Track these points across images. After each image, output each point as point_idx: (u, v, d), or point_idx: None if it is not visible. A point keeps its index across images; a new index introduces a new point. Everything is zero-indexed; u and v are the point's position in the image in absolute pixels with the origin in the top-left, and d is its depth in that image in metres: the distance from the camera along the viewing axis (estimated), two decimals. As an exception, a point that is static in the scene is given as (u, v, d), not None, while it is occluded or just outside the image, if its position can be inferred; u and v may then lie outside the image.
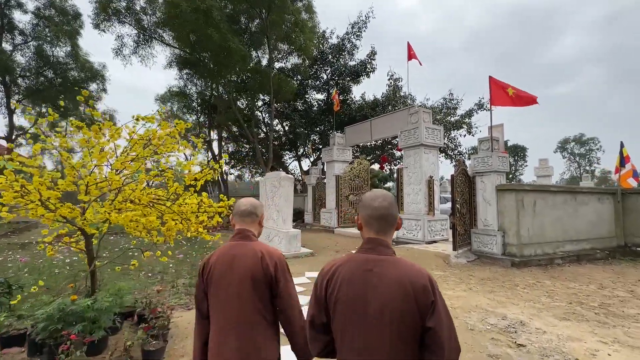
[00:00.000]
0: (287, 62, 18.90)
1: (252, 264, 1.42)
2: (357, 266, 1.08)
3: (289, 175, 8.77)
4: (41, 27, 14.92)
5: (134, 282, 4.66)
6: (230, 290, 1.40)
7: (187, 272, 5.62)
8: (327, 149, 14.02)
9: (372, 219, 1.12)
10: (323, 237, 11.55)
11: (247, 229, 1.54)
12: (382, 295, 1.01)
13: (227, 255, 1.46)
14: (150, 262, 5.76)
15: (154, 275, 5.33)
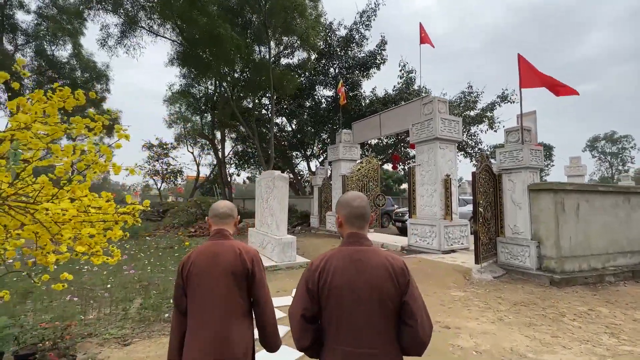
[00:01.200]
0: (292, 58, 18.02)
1: (233, 259, 1.56)
2: (346, 257, 1.26)
3: (283, 175, 7.76)
4: (42, 26, 14.67)
5: (55, 307, 3.67)
6: (213, 285, 1.53)
7: (144, 291, 4.66)
8: (332, 147, 12.94)
9: (352, 217, 1.33)
10: (327, 243, 10.46)
11: (225, 229, 1.68)
12: (370, 278, 1.20)
13: (208, 252, 1.59)
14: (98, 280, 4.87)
15: (99, 296, 4.38)
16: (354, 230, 1.32)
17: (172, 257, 7.30)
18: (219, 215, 1.70)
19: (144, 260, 6.26)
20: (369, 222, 1.35)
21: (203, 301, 1.52)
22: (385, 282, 1.19)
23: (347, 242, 1.31)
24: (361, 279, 1.20)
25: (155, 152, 25.94)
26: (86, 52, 17.14)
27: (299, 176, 22.92)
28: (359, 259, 1.24)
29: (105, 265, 5.18)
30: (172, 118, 27.02)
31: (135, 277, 4.38)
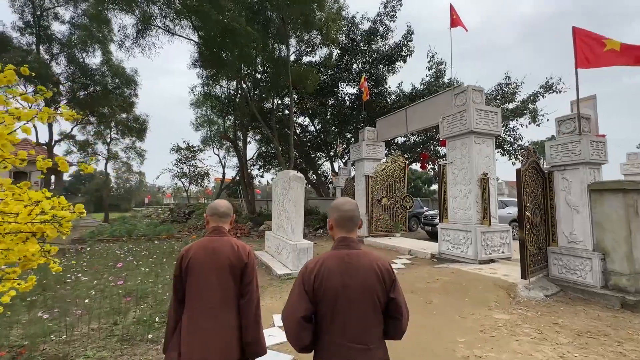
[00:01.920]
0: (314, 56, 17.49)
1: (230, 253, 1.69)
2: (338, 260, 1.35)
3: (299, 175, 7.18)
4: (74, 35, 15.31)
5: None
6: (212, 276, 1.64)
7: (133, 305, 4.06)
8: (355, 146, 12.20)
9: (343, 220, 1.42)
10: (349, 248, 9.75)
11: (222, 226, 1.81)
12: (362, 279, 1.31)
13: (207, 247, 1.70)
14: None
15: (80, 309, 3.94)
16: (343, 234, 1.43)
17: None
18: (218, 214, 1.81)
19: (143, 268, 5.60)
20: (358, 226, 1.45)
21: (203, 291, 1.63)
22: (375, 282, 1.31)
23: (338, 246, 1.41)
24: (353, 280, 1.31)
25: (183, 155, 26.60)
26: (116, 59, 17.75)
27: (323, 177, 22.35)
28: (350, 261, 1.34)
29: (95, 275, 4.84)
30: (199, 121, 27.67)
31: (120, 290, 3.95)
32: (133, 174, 52.67)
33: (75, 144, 23.08)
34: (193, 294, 1.63)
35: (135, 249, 7.35)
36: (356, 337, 1.27)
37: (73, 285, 4.16)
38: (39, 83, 14.71)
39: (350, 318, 1.28)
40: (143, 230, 12.72)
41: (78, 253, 6.98)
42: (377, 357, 1.30)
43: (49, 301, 3.65)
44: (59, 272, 4.47)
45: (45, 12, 14.77)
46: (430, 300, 4.67)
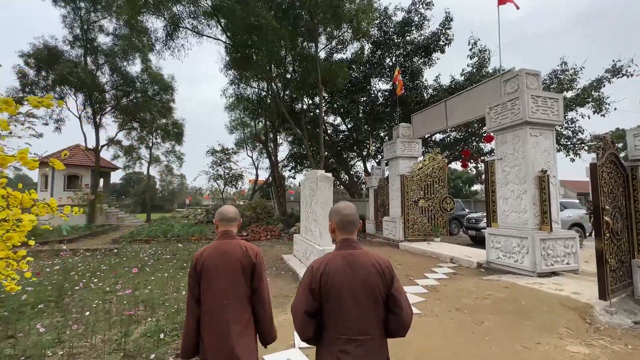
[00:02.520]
0: (345, 52, 16.92)
1: (240, 254, 1.84)
2: (342, 259, 1.45)
3: (327, 175, 6.66)
4: (117, 46, 16.19)
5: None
6: (225, 277, 1.79)
7: (141, 317, 3.68)
8: (389, 144, 11.43)
9: (345, 224, 1.54)
10: (383, 253, 8.86)
11: (231, 230, 1.96)
12: (364, 277, 1.41)
13: (219, 250, 1.85)
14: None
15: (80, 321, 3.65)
16: (345, 236, 1.54)
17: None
18: (227, 219, 1.97)
19: (160, 274, 5.19)
20: (358, 228, 1.57)
21: (217, 290, 1.78)
22: (376, 279, 1.41)
23: (341, 247, 1.52)
24: (356, 278, 1.41)
25: (218, 157, 27.35)
26: (155, 66, 18.56)
27: (355, 178, 21.65)
28: (352, 260, 1.45)
29: (110, 281, 4.70)
30: (233, 124, 28.31)
31: (126, 301, 3.65)
32: (175, 177, 55.83)
33: (121, 148, 24.59)
34: (208, 294, 1.78)
35: (162, 250, 7.31)
36: (359, 331, 1.37)
37: (82, 293, 4.01)
38: (87, 92, 15.75)
39: (353, 313, 1.38)
40: (177, 231, 12.98)
41: (107, 254, 7.07)
42: (377, 349, 1.39)
43: (53, 310, 3.48)
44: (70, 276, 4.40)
45: (92, 25, 15.76)
46: (481, 322, 3.91)
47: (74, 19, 15.43)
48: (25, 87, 15.24)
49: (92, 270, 4.94)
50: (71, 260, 5.81)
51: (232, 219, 1.97)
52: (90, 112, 16.73)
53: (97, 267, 5.18)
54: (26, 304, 3.35)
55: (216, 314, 1.74)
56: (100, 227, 16.55)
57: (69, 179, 19.58)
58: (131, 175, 53.73)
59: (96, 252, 7.81)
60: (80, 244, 11.52)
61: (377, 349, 1.38)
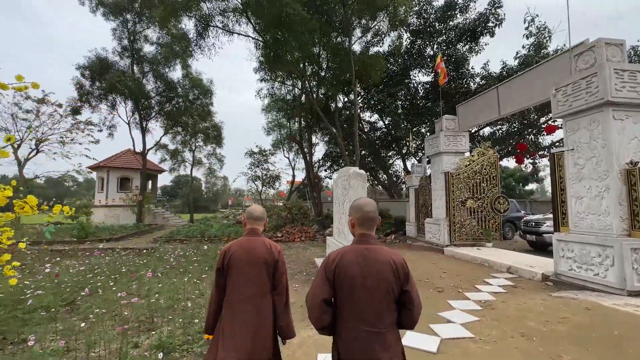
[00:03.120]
0: (382, 45, 16.05)
1: (264, 251, 1.99)
2: (357, 253, 1.51)
3: (360, 171, 6.04)
4: (159, 53, 17.01)
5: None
6: (249, 270, 1.94)
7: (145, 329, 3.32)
8: (431, 139, 10.42)
9: (365, 220, 1.58)
10: (426, 259, 8.14)
11: (257, 228, 2.11)
12: (377, 271, 1.45)
13: (245, 246, 2.01)
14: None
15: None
16: (363, 231, 1.58)
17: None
18: (253, 218, 2.12)
19: (175, 279, 4.84)
20: (377, 225, 1.61)
21: (241, 282, 1.94)
22: (389, 274, 1.45)
23: (358, 241, 1.57)
24: (370, 270, 1.45)
25: (256, 158, 27.83)
26: (195, 71, 19.26)
27: (395, 177, 20.56)
28: (367, 255, 1.50)
29: (124, 286, 4.52)
30: (269, 126, 28.64)
31: (125, 311, 3.28)
32: (218, 179, 58.47)
33: (167, 152, 26.02)
34: (233, 286, 1.93)
35: (191, 252, 7.20)
36: (370, 322, 1.42)
37: (92, 299, 3.83)
38: (134, 99, 16.72)
39: (365, 304, 1.43)
40: (214, 232, 13.15)
41: (140, 254, 7.14)
42: (389, 340, 1.43)
43: (59, 317, 3.28)
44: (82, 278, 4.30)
45: (137, 35, 16.71)
46: (558, 355, 3.03)
47: (122, 31, 16.48)
48: (82, 97, 16.59)
49: (114, 271, 4.87)
50: (101, 260, 5.88)
51: (258, 218, 2.12)
52: (138, 118, 17.75)
53: (120, 268, 5.12)
54: (33, 309, 3.23)
55: (238, 306, 1.89)
56: (147, 226, 17.48)
57: (121, 181, 21.07)
58: (180, 178, 57.36)
59: (131, 251, 7.98)
60: (124, 242, 12.10)
61: (389, 342, 1.43)
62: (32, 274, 4.76)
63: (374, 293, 1.42)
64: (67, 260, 6.43)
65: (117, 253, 7.43)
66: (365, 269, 1.44)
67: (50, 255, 6.91)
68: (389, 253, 1.50)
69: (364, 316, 1.42)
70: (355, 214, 1.60)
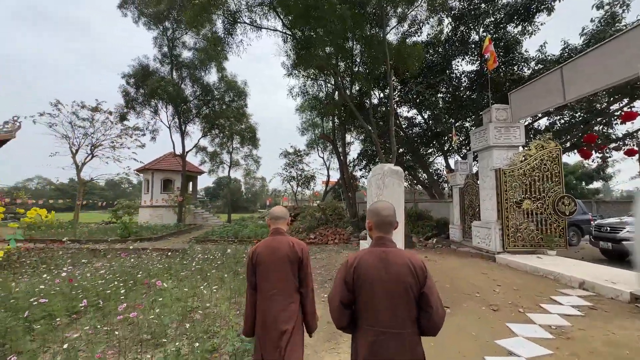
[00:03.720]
0: (420, 34, 14.96)
1: (288, 249, 2.05)
2: (375, 256, 1.53)
3: (395, 168, 5.34)
4: (196, 58, 17.51)
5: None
6: (275, 268, 2.03)
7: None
8: (478, 132, 9.28)
9: (382, 224, 1.62)
10: (474, 268, 7.15)
11: (280, 227, 2.19)
12: (396, 273, 1.47)
13: (270, 246, 2.08)
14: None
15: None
16: (381, 234, 1.62)
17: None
18: (276, 218, 2.20)
19: (187, 288, 4.34)
20: (394, 228, 1.65)
21: (268, 279, 2.02)
22: (407, 276, 1.46)
23: (376, 244, 1.60)
24: (388, 274, 1.47)
25: (291, 159, 27.82)
26: (230, 74, 19.60)
27: (435, 176, 19.16)
28: (385, 257, 1.51)
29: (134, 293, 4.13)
30: (304, 126, 28.48)
31: (117, 330, 2.82)
32: (257, 180, 60.08)
33: (207, 154, 26.97)
34: (260, 285, 2.05)
35: (219, 254, 6.97)
36: (390, 324, 1.44)
37: (92, 311, 3.51)
38: (173, 103, 17.37)
39: (384, 307, 1.45)
40: (247, 232, 13.08)
41: (167, 256, 7.06)
42: (409, 343, 1.44)
43: (55, 329, 3.03)
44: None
45: (176, 41, 17.34)
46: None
47: (162, 39, 17.21)
48: (128, 104, 17.61)
49: (132, 276, 4.70)
50: (126, 263, 5.83)
51: (280, 217, 2.20)
52: (177, 121, 18.43)
53: (137, 273, 4.95)
54: (33, 319, 3.03)
55: (265, 303, 1.99)
56: (187, 226, 18.09)
57: (164, 183, 22.13)
58: (221, 180, 59.94)
59: (161, 253, 7.99)
60: (162, 242, 12.44)
61: (409, 345, 1.43)
62: (53, 277, 4.75)
63: (393, 295, 1.45)
64: (99, 260, 6.53)
65: (147, 254, 7.45)
66: (384, 272, 1.48)
67: (86, 256, 7.09)
68: (407, 255, 1.53)
69: (384, 318, 1.45)
70: (373, 218, 1.65)
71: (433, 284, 1.51)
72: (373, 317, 1.45)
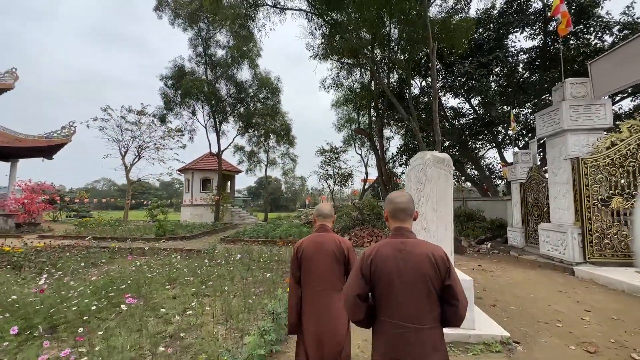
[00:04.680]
0: (468, 10, 13.19)
1: (334, 246, 2.08)
2: (393, 247, 1.47)
3: (441, 155, 4.15)
4: (229, 55, 17.39)
5: None
6: (320, 264, 2.05)
7: None
8: (546, 113, 7.56)
9: (396, 212, 1.55)
10: (546, 283, 5.65)
11: (326, 225, 2.22)
12: (415, 266, 1.40)
13: (316, 241, 2.12)
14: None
15: None
16: (398, 225, 1.54)
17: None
18: (323, 215, 2.24)
19: (163, 309, 3.61)
20: (413, 217, 1.57)
21: (313, 275, 2.04)
22: (428, 268, 1.38)
23: (393, 235, 1.53)
24: (407, 266, 1.40)
25: (328, 156, 26.97)
26: (264, 71, 19.29)
27: (487, 171, 16.99)
28: (404, 249, 1.44)
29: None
30: (340, 122, 27.47)
31: None
32: (296, 179, 60.46)
33: (244, 154, 27.19)
34: (306, 278, 2.07)
35: (232, 259, 6.29)
36: (410, 318, 1.37)
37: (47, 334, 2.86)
38: (209, 102, 17.45)
39: (404, 300, 1.39)
40: (279, 232, 12.48)
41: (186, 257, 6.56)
42: (431, 338, 1.37)
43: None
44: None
45: (209, 40, 17.37)
46: None
47: (197, 39, 17.35)
48: (167, 105, 18.07)
49: (126, 286, 4.14)
50: (131, 267, 5.37)
51: (327, 215, 2.25)
52: (213, 121, 18.54)
53: (128, 280, 4.37)
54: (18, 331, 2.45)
55: (312, 299, 2.02)
56: (223, 224, 18.12)
57: (204, 182, 22.59)
58: (262, 179, 61.31)
59: (181, 253, 7.59)
60: (195, 241, 12.32)
61: (431, 339, 1.37)
62: (70, 279, 4.34)
63: (412, 288, 1.39)
64: (110, 263, 6.21)
65: (165, 254, 7.06)
66: (402, 264, 1.42)
67: (102, 256, 6.87)
68: (427, 246, 1.46)
69: (403, 312, 1.39)
70: (387, 206, 1.61)
71: (457, 276, 1.44)
72: (392, 311, 1.41)
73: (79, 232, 13.80)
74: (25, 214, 15.14)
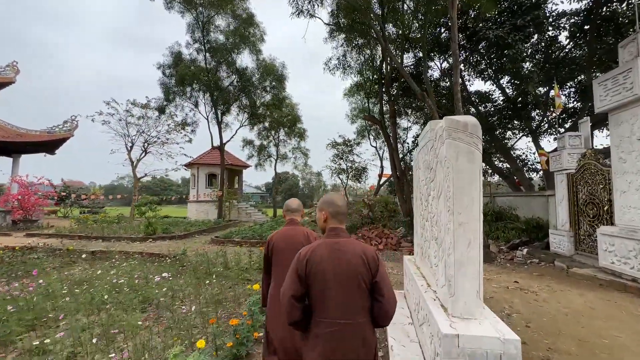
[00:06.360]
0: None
1: (303, 239, 2.22)
2: (328, 247, 1.53)
3: (462, 119, 2.50)
4: (229, 39, 16.15)
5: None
6: (289, 257, 1.90)
7: None
8: (609, 78, 5.62)
9: (337, 214, 1.63)
10: (619, 317, 3.89)
11: (295, 219, 2.39)
12: (348, 264, 1.47)
13: (286, 234, 2.26)
14: None
15: None
16: (335, 225, 1.62)
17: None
18: (291, 210, 2.41)
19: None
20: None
21: (283, 267, 2.07)
22: (360, 267, 1.47)
23: (329, 235, 1.59)
24: (341, 265, 1.47)
25: (340, 150, 25.32)
26: (269, 57, 17.94)
27: (520, 162, 14.75)
28: (338, 248, 1.52)
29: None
30: (353, 113, 25.71)
31: None
32: (313, 175, 59.13)
33: (254, 148, 26.12)
34: (276, 270, 2.17)
35: (206, 264, 4.95)
36: (345, 315, 1.44)
37: None
38: (208, 91, 16.31)
39: (337, 298, 1.44)
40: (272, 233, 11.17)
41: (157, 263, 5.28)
42: (362, 332, 1.44)
43: None
44: None
45: (207, 24, 16.17)
46: None
47: (196, 25, 16.21)
48: (167, 96, 17.13)
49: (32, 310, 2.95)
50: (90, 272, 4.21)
51: (295, 210, 2.41)
52: (214, 112, 17.44)
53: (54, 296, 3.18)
54: None
55: (278, 289, 2.00)
56: (226, 222, 17.05)
57: (209, 178, 21.68)
58: (279, 175, 60.50)
59: (143, 258, 6.40)
60: (186, 240, 11.22)
61: (361, 335, 1.44)
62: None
63: (345, 286, 1.45)
64: (72, 268, 5.09)
65: (121, 259, 5.88)
66: (337, 263, 1.47)
67: (59, 259, 5.83)
68: (359, 246, 1.54)
69: (339, 310, 1.44)
70: (328, 208, 1.65)
71: (385, 273, 1.53)
72: (327, 308, 1.45)
73: (73, 230, 13.12)
74: (22, 210, 14.70)
